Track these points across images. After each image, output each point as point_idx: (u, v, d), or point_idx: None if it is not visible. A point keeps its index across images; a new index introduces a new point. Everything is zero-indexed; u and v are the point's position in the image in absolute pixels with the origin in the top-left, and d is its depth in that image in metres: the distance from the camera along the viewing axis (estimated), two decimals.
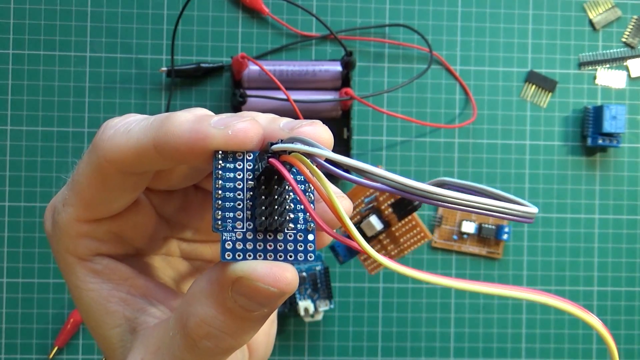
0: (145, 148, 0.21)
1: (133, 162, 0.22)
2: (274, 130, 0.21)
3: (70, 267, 0.25)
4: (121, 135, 0.22)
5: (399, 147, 0.66)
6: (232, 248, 0.21)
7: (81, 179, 0.23)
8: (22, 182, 0.63)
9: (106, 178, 0.22)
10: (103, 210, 0.24)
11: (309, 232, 0.21)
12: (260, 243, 0.21)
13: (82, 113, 0.63)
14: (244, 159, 0.21)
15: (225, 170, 0.21)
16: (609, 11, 0.67)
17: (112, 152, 0.22)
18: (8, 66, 0.63)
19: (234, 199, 0.21)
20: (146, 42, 0.64)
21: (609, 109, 0.64)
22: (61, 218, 0.24)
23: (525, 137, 0.67)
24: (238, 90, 0.59)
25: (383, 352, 0.65)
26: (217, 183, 0.21)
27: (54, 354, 0.62)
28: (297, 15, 0.65)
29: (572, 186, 0.67)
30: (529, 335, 0.66)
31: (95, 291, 0.24)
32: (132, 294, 0.25)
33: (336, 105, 0.61)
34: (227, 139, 0.20)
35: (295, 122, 0.22)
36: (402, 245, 0.48)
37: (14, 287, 0.62)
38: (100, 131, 0.22)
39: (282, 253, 0.21)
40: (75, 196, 0.23)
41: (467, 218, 0.65)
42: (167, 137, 0.20)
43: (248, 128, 0.21)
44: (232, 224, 0.21)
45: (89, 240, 0.24)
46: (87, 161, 0.23)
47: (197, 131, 0.20)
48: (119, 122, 0.22)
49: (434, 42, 0.66)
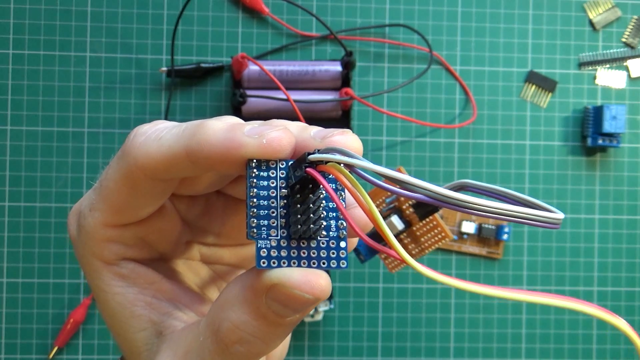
0: (178, 155, 0.21)
1: (164, 169, 0.22)
2: (306, 139, 0.22)
3: (96, 271, 0.25)
4: (152, 142, 0.22)
5: (399, 147, 0.66)
6: (267, 255, 0.21)
7: (110, 184, 0.23)
8: (22, 182, 0.63)
9: (136, 184, 0.23)
10: (130, 216, 0.24)
11: (342, 239, 0.22)
12: (294, 250, 0.21)
13: (82, 113, 0.63)
14: (277, 167, 0.21)
15: (259, 178, 0.21)
16: (609, 11, 0.67)
17: (144, 159, 0.22)
18: (8, 66, 0.63)
19: (268, 206, 0.21)
20: (146, 42, 0.64)
21: (609, 109, 0.64)
22: (88, 222, 0.24)
23: (525, 137, 0.67)
24: (238, 90, 0.59)
25: (383, 352, 0.65)
26: (252, 191, 0.21)
27: (54, 354, 0.62)
28: (297, 15, 0.65)
29: (572, 186, 0.67)
30: (529, 335, 0.66)
31: (121, 295, 0.25)
32: (158, 298, 0.25)
33: (336, 105, 0.61)
34: (262, 148, 0.21)
35: (326, 131, 0.22)
36: (423, 244, 0.48)
37: (14, 287, 0.62)
38: (130, 138, 0.23)
39: (315, 260, 0.21)
40: (103, 201, 0.23)
41: (467, 218, 0.65)
42: (200, 145, 0.21)
43: (282, 137, 0.21)
44: (266, 232, 0.21)
45: (116, 244, 0.24)
46: (117, 167, 0.23)
47: (232, 139, 0.21)
48: (149, 129, 0.23)
49: (434, 42, 0.66)
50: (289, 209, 0.21)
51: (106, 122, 0.64)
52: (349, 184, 0.20)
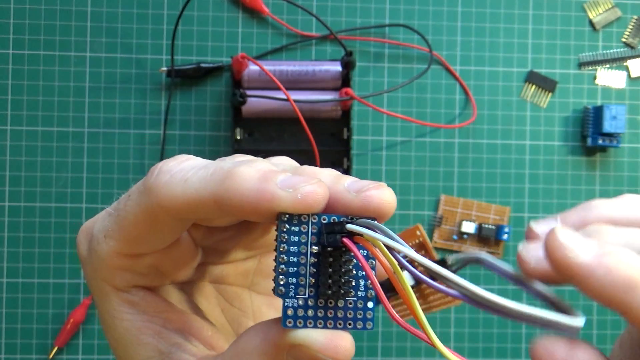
0: (205, 201, 0.21)
1: (188, 212, 0.21)
2: (339, 192, 0.21)
3: (106, 295, 0.24)
4: (178, 183, 0.21)
5: (399, 147, 0.66)
6: (293, 315, 0.20)
7: (129, 217, 0.23)
8: (22, 182, 0.63)
9: (156, 221, 0.22)
10: (146, 248, 0.24)
11: (369, 299, 0.21)
12: (320, 310, 0.21)
13: (82, 113, 0.63)
14: (309, 221, 0.21)
15: (290, 233, 0.21)
16: (609, 11, 0.67)
17: (168, 200, 0.21)
18: (8, 66, 0.63)
19: (297, 263, 0.21)
20: (146, 42, 0.64)
21: (609, 109, 0.64)
22: (101, 249, 0.24)
23: (525, 137, 0.67)
24: (238, 90, 0.59)
25: (383, 352, 0.65)
26: (282, 247, 0.20)
27: (54, 354, 0.62)
28: (297, 15, 0.65)
29: (572, 186, 0.67)
30: (528, 335, 0.66)
31: (130, 322, 0.24)
32: (167, 328, 0.24)
33: (336, 105, 0.61)
34: (296, 203, 0.20)
35: (361, 185, 0.21)
36: (430, 303, 0.47)
37: (14, 287, 0.62)
38: (153, 174, 0.22)
39: (341, 320, 0.21)
40: (120, 231, 0.23)
41: (467, 218, 0.65)
42: (230, 194, 0.20)
43: (317, 191, 0.20)
44: (294, 291, 0.21)
45: (128, 273, 0.24)
46: (138, 201, 0.22)
47: (264, 191, 0.20)
48: (174, 167, 0.22)
49: (434, 42, 0.66)
50: (318, 267, 0.21)
51: (106, 122, 0.64)
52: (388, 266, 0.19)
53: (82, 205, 0.63)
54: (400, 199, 0.65)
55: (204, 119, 0.64)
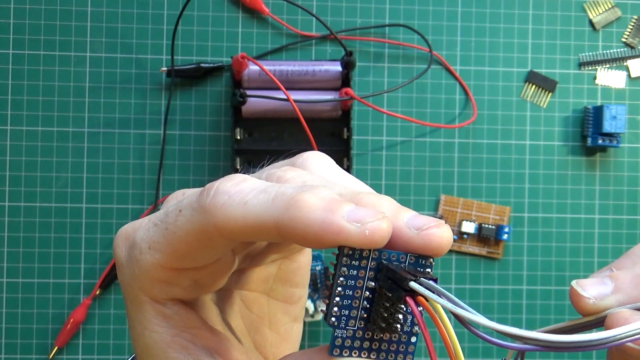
0: (266, 226, 0.20)
1: (246, 236, 0.21)
2: (400, 228, 0.21)
3: (141, 304, 0.24)
4: (237, 206, 0.21)
5: (399, 147, 0.66)
6: (340, 345, 0.21)
7: (179, 233, 0.22)
8: (22, 182, 0.63)
9: (209, 241, 0.22)
10: (192, 263, 0.23)
11: (413, 334, 0.22)
12: (366, 342, 0.21)
13: (82, 113, 0.63)
14: (370, 257, 0.21)
15: (350, 267, 0.21)
16: (609, 11, 0.67)
17: (225, 223, 0.21)
18: (8, 66, 0.63)
19: (352, 297, 0.21)
20: (146, 42, 0.64)
21: (609, 109, 0.64)
22: (145, 259, 0.23)
23: (525, 137, 0.67)
24: (238, 90, 0.59)
25: None
26: (339, 280, 0.21)
27: (54, 354, 0.62)
28: (297, 15, 0.65)
29: (572, 186, 0.67)
30: None
31: (159, 334, 0.24)
32: (195, 344, 0.24)
33: (336, 105, 0.61)
34: (362, 238, 0.20)
35: (421, 222, 0.21)
36: None
37: (14, 287, 0.62)
38: (210, 193, 0.21)
39: (384, 353, 0.21)
40: (168, 245, 0.23)
41: (467, 218, 0.65)
42: (294, 223, 0.20)
43: (384, 229, 0.20)
44: (345, 322, 0.21)
45: (168, 286, 0.24)
46: (191, 219, 0.22)
47: (330, 224, 0.19)
48: (231, 188, 0.21)
49: (434, 42, 0.66)
50: (372, 304, 0.21)
51: (106, 122, 0.64)
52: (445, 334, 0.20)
53: (82, 205, 0.63)
54: (400, 199, 0.65)
55: (204, 119, 0.64)
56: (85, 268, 0.63)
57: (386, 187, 0.65)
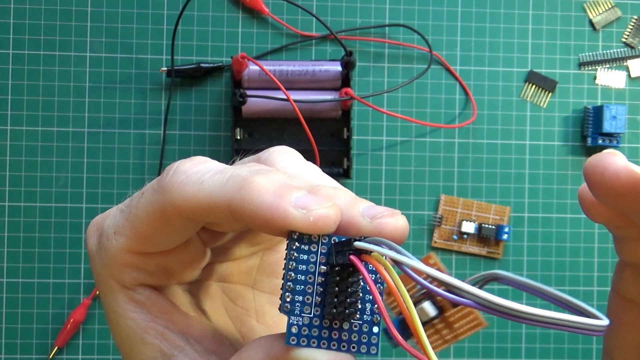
0: (218, 206, 0.21)
1: (201, 214, 0.21)
2: (354, 217, 0.21)
3: (112, 292, 0.25)
4: (193, 185, 0.21)
5: (399, 147, 0.66)
6: (297, 333, 0.21)
7: (141, 214, 0.23)
8: (22, 182, 0.63)
9: (168, 221, 0.22)
10: (156, 246, 0.24)
11: (375, 324, 0.21)
12: (325, 331, 0.21)
13: (82, 113, 0.63)
14: (319, 241, 0.21)
15: (299, 252, 0.21)
16: (609, 11, 0.67)
17: (181, 201, 0.21)
18: (8, 66, 0.63)
19: (305, 282, 0.21)
20: (146, 42, 0.64)
21: (609, 109, 0.64)
22: (111, 244, 0.24)
23: (525, 137, 0.67)
24: (238, 90, 0.59)
25: (383, 352, 0.65)
26: (290, 264, 0.21)
27: (54, 354, 0.62)
28: (297, 15, 0.65)
29: (572, 186, 0.67)
30: (528, 335, 0.66)
31: (134, 320, 0.24)
32: (170, 329, 0.25)
33: (336, 105, 0.61)
34: (307, 225, 0.20)
35: (376, 211, 0.21)
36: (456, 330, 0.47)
37: (14, 287, 0.62)
38: (169, 173, 0.22)
39: (345, 343, 0.21)
40: (131, 228, 0.23)
41: (467, 218, 0.65)
42: (243, 204, 0.20)
43: (329, 215, 0.20)
44: (300, 308, 0.21)
45: (136, 271, 0.24)
46: (151, 199, 0.22)
47: (277, 208, 0.20)
48: (190, 168, 0.22)
49: (434, 42, 0.66)
50: (326, 287, 0.21)
51: (106, 122, 0.64)
52: (391, 282, 0.19)
53: (82, 205, 0.63)
54: (400, 199, 0.65)
55: (204, 119, 0.64)
56: (85, 268, 0.63)
57: (386, 187, 0.65)
